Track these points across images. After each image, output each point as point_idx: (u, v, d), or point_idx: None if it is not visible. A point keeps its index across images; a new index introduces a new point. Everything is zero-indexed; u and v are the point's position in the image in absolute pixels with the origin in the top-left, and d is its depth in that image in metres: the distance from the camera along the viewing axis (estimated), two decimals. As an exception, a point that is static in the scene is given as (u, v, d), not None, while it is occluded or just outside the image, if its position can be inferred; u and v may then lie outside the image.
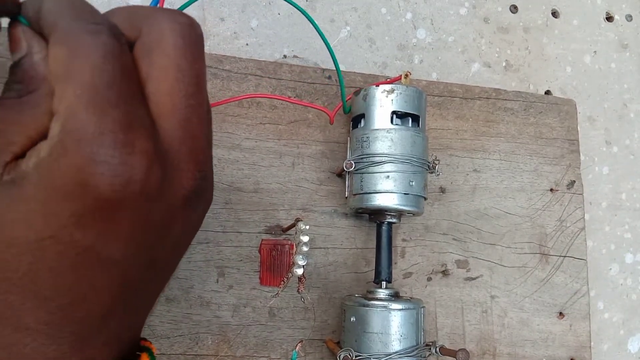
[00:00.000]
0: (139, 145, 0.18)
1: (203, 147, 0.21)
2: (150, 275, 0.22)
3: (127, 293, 0.21)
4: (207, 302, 0.40)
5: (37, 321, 0.20)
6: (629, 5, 0.61)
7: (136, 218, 0.19)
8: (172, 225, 0.21)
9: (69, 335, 0.20)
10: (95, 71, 0.18)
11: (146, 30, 0.20)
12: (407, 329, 0.37)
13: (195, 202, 0.21)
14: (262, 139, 0.43)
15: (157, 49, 0.20)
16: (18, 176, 0.18)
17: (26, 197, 0.18)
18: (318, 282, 0.42)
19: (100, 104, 0.18)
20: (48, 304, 0.19)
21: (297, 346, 0.33)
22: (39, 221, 0.18)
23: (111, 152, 0.17)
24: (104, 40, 0.18)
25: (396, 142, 0.39)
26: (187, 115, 0.20)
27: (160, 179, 0.19)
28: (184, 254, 0.25)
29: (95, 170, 0.17)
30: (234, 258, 0.41)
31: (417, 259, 0.45)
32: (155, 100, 0.20)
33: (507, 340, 0.46)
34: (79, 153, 0.17)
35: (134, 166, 0.18)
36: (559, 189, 0.49)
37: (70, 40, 0.18)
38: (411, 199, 0.39)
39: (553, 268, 0.48)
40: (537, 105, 0.51)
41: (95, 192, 0.18)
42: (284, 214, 0.43)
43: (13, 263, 0.19)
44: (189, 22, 0.20)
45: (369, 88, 0.40)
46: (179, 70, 0.20)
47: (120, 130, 0.18)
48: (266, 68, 0.44)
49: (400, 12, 0.52)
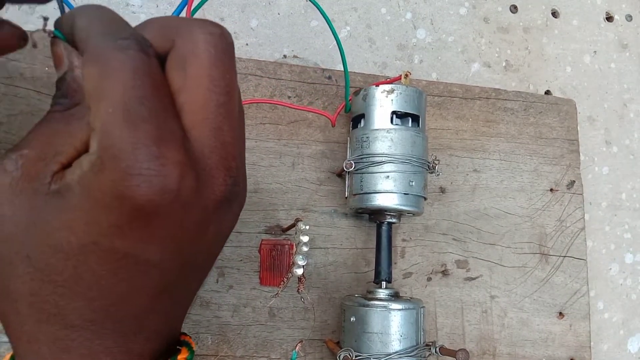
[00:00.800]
0: (171, 156, 0.19)
1: (234, 154, 0.22)
2: (186, 276, 0.23)
3: (166, 293, 0.23)
4: (207, 302, 0.40)
5: (82, 319, 0.21)
6: (628, 5, 0.61)
7: (172, 224, 0.20)
8: (206, 228, 0.22)
9: (112, 332, 0.22)
10: (126, 88, 0.19)
11: (179, 41, 0.21)
12: (407, 329, 0.37)
13: (228, 206, 0.22)
14: (262, 139, 0.43)
15: (190, 60, 0.20)
16: (63, 187, 0.20)
17: (70, 207, 0.20)
18: (318, 282, 0.42)
19: (132, 120, 0.19)
20: (92, 304, 0.21)
21: (297, 346, 0.33)
22: (82, 229, 0.20)
23: (145, 165, 0.19)
24: (132, 55, 0.19)
25: (396, 142, 0.39)
26: (219, 124, 0.21)
27: (194, 187, 0.20)
28: (218, 255, 0.27)
29: (131, 182, 0.18)
30: (234, 258, 0.41)
31: (417, 259, 0.45)
32: (188, 110, 0.20)
33: (507, 340, 0.46)
34: (116, 168, 0.18)
35: (168, 176, 0.19)
36: (559, 189, 0.50)
37: (100, 59, 0.19)
38: (411, 199, 0.39)
39: (553, 268, 0.48)
40: (537, 105, 0.51)
41: (132, 203, 0.19)
42: (284, 214, 0.43)
43: (58, 267, 0.20)
44: (220, 32, 0.21)
45: (368, 88, 0.40)
46: (211, 80, 0.20)
47: (153, 144, 0.19)
48: (266, 68, 0.44)
49: (400, 12, 0.52)
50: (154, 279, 0.22)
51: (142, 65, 0.19)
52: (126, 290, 0.21)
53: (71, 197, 0.20)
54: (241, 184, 0.23)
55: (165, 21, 0.22)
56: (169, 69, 0.21)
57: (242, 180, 0.23)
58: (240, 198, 0.23)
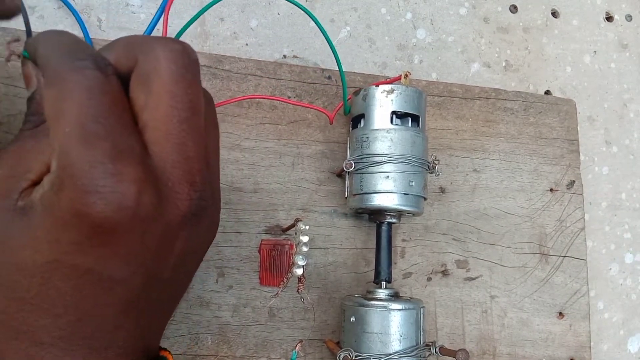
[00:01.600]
0: (128, 172, 0.19)
1: (199, 169, 0.22)
2: (154, 292, 0.23)
3: (133, 309, 0.23)
4: (206, 302, 0.40)
5: (51, 336, 0.21)
6: (628, 5, 0.61)
7: (132, 241, 0.20)
8: (172, 244, 0.22)
9: (81, 348, 0.22)
10: (81, 107, 0.19)
11: (141, 59, 0.21)
12: (406, 329, 0.37)
13: (195, 221, 0.22)
14: (262, 139, 0.43)
15: (151, 77, 0.21)
16: (28, 205, 0.20)
17: (33, 225, 0.20)
18: (318, 282, 0.42)
19: (88, 138, 0.19)
20: (59, 321, 0.21)
21: (297, 346, 0.33)
22: (45, 247, 0.20)
23: (102, 182, 0.19)
24: (88, 75, 0.20)
25: (396, 142, 0.39)
26: (182, 140, 0.21)
27: (154, 203, 0.20)
28: (194, 271, 0.27)
29: (88, 200, 0.19)
30: (234, 258, 0.41)
31: (416, 259, 0.45)
32: (151, 127, 0.21)
33: (507, 341, 0.46)
34: (73, 186, 0.19)
35: (124, 193, 0.19)
36: (559, 189, 0.50)
37: (56, 80, 0.20)
38: (411, 199, 0.39)
39: (553, 268, 0.48)
40: (537, 105, 0.51)
41: (90, 220, 0.19)
42: (283, 214, 0.43)
43: (25, 284, 0.21)
44: (182, 49, 0.21)
45: (368, 88, 0.40)
46: (172, 97, 0.21)
47: (109, 161, 0.19)
48: (266, 68, 0.44)
49: (400, 12, 0.52)
50: (119, 295, 0.22)
51: (97, 83, 0.20)
52: (91, 306, 0.21)
53: (34, 215, 0.20)
54: (209, 199, 0.23)
55: (129, 40, 0.22)
56: (133, 87, 0.21)
57: (212, 195, 0.24)
58: (209, 212, 0.23)
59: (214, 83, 0.43)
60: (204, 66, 0.43)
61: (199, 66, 0.22)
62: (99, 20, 0.44)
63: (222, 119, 0.42)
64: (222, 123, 0.42)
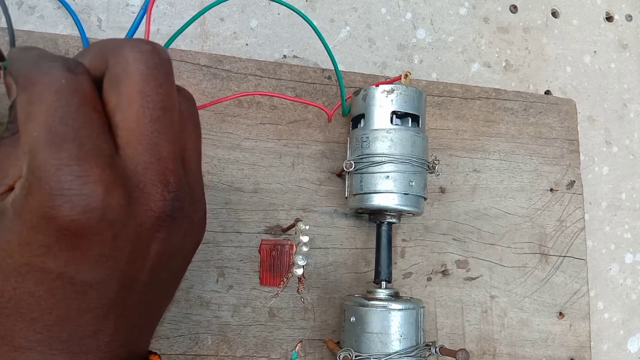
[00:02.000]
0: (94, 174, 0.19)
1: (173, 169, 0.22)
2: (135, 295, 0.23)
3: (113, 314, 0.23)
4: (207, 302, 0.40)
5: (28, 340, 0.22)
6: (628, 5, 0.61)
7: (103, 243, 0.20)
8: (148, 247, 0.22)
9: (60, 352, 0.22)
10: (49, 109, 0.19)
11: (112, 61, 0.21)
12: (406, 329, 0.37)
13: (170, 222, 0.22)
14: (262, 139, 0.43)
15: (122, 79, 0.21)
16: (1, 209, 0.20)
17: (5, 229, 0.20)
18: (318, 282, 0.42)
19: (55, 141, 0.19)
20: (35, 325, 0.21)
21: (297, 346, 0.33)
22: (16, 251, 0.20)
23: (67, 185, 0.19)
24: (56, 75, 0.20)
25: (396, 142, 0.39)
26: (154, 140, 0.21)
27: (122, 205, 0.20)
28: (180, 274, 0.26)
29: (55, 203, 0.19)
30: (234, 258, 0.41)
31: (417, 259, 0.45)
32: (122, 128, 0.21)
33: (507, 340, 0.46)
34: (41, 189, 0.19)
35: (91, 195, 0.19)
36: (559, 189, 0.50)
37: (27, 85, 0.20)
38: (411, 199, 0.39)
39: (553, 268, 0.48)
40: (537, 105, 0.51)
41: (57, 223, 0.19)
42: (284, 214, 0.43)
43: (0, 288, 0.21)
44: (151, 49, 0.21)
45: (368, 88, 0.40)
46: (143, 97, 0.21)
47: (75, 163, 0.19)
48: (266, 68, 0.44)
49: (400, 12, 0.52)
50: (94, 299, 0.22)
51: (66, 84, 0.20)
52: (67, 310, 0.21)
53: (6, 219, 0.20)
54: (186, 199, 0.23)
55: (101, 43, 0.22)
56: (105, 89, 0.21)
57: (190, 195, 0.23)
58: (187, 213, 0.23)
59: (214, 83, 0.43)
60: (204, 66, 0.43)
61: (171, 65, 0.22)
62: (99, 20, 0.44)
63: (222, 119, 0.42)
64: (222, 123, 0.42)
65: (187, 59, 0.42)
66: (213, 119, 0.42)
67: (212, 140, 0.42)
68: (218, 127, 0.42)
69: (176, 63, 0.42)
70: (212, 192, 0.41)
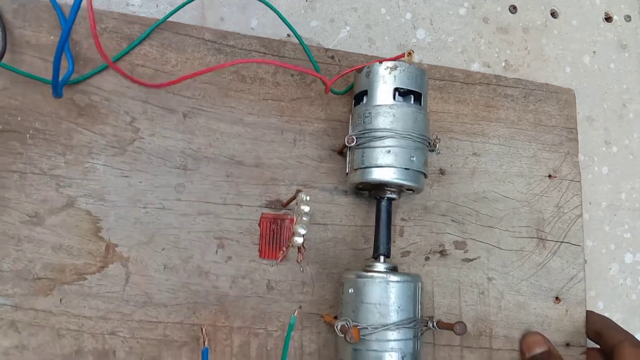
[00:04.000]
0: None
1: None
2: None
3: None
4: (205, 272, 0.40)
5: None
6: (627, 6, 0.62)
7: None
8: None
9: None
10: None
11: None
12: (404, 301, 0.37)
13: None
14: (265, 115, 0.43)
15: None
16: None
17: None
18: (317, 257, 0.43)
19: None
20: None
21: (296, 311, 0.33)
22: None
23: None
24: None
25: (398, 117, 0.39)
26: None
27: None
28: None
29: None
30: (234, 230, 0.41)
31: (415, 239, 0.45)
32: None
33: (503, 323, 0.46)
34: None
35: None
36: (557, 176, 0.50)
37: None
38: (411, 174, 0.39)
39: (550, 253, 0.48)
40: (537, 93, 0.51)
41: None
42: (284, 189, 0.43)
43: None
44: None
45: (372, 65, 0.41)
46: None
47: None
48: (270, 45, 0.45)
49: (399, 12, 0.53)
50: None
51: None
52: None
53: None
54: None
55: None
56: None
57: None
58: None
59: (218, 58, 0.43)
60: (209, 41, 0.43)
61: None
62: None
63: (226, 94, 0.43)
64: (226, 98, 0.43)
65: (192, 33, 0.43)
66: (216, 93, 0.43)
67: (215, 114, 0.42)
68: (221, 101, 0.43)
69: (180, 37, 0.43)
70: (213, 165, 0.42)
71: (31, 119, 0.39)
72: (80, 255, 0.38)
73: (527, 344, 0.45)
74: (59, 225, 0.38)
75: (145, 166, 0.40)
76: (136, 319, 0.38)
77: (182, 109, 0.42)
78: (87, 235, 0.38)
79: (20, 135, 0.38)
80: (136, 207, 0.40)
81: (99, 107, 0.40)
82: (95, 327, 0.38)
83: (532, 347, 0.45)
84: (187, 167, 0.41)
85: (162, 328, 0.39)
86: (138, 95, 0.41)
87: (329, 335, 0.42)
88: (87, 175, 0.39)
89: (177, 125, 0.41)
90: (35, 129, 0.39)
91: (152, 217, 0.40)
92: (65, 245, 0.38)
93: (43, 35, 0.40)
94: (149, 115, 0.41)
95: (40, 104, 0.39)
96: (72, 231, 0.38)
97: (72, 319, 0.37)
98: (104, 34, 0.41)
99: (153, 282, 0.39)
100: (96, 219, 0.39)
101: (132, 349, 0.38)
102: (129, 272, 0.39)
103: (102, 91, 0.40)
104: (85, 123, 0.40)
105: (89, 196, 0.39)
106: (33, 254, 0.37)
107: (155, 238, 0.39)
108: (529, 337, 0.45)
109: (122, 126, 0.40)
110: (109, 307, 0.38)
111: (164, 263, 0.39)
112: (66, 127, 0.39)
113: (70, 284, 0.38)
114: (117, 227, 0.39)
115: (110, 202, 0.39)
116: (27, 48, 0.39)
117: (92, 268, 0.38)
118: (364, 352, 0.36)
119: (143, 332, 0.38)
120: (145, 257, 0.39)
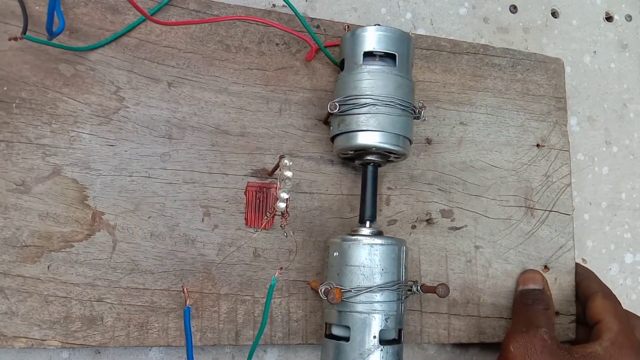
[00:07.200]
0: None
1: None
2: None
3: None
4: (192, 240, 0.40)
5: None
6: (628, 5, 0.61)
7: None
8: None
9: None
10: None
11: None
12: (388, 263, 0.37)
13: None
14: (250, 84, 0.43)
15: None
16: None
17: None
18: (303, 225, 0.43)
19: None
20: None
21: (277, 272, 0.34)
22: None
23: None
24: None
25: (379, 82, 0.39)
26: None
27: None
28: None
29: None
30: (220, 199, 0.41)
31: (401, 207, 0.45)
32: None
33: (491, 291, 0.46)
34: None
35: None
36: (546, 145, 0.50)
37: None
38: (394, 137, 0.39)
39: (538, 222, 0.48)
40: (525, 62, 0.51)
41: None
42: (270, 158, 0.43)
43: None
44: None
45: (353, 30, 0.41)
46: None
47: None
48: (255, 15, 0.44)
49: (400, 12, 0.53)
50: None
51: None
52: None
53: None
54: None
55: None
56: None
57: None
58: None
59: (202, 27, 0.43)
60: (193, 10, 0.43)
61: None
62: None
63: (210, 63, 0.43)
64: (210, 67, 0.43)
65: (176, 2, 0.43)
66: (201, 62, 0.43)
67: (199, 83, 0.42)
68: (206, 70, 0.43)
69: (165, 6, 0.43)
70: (198, 134, 0.42)
71: (17, 88, 0.39)
72: (67, 223, 0.38)
73: (524, 279, 0.46)
74: (45, 193, 0.38)
75: (130, 135, 0.40)
76: (123, 285, 0.39)
77: (166, 78, 0.42)
78: (73, 203, 0.39)
79: (6, 105, 0.39)
80: (122, 175, 0.40)
81: (84, 77, 0.40)
82: (82, 293, 0.38)
83: (527, 282, 0.46)
84: (172, 136, 0.41)
85: (149, 295, 0.39)
86: (123, 65, 0.41)
87: (315, 302, 0.42)
88: (73, 144, 0.39)
89: (161, 95, 0.41)
90: (22, 99, 0.39)
91: (138, 186, 0.40)
92: (52, 213, 0.38)
93: (29, 5, 0.40)
94: (134, 85, 0.41)
95: (26, 74, 0.39)
96: (58, 199, 0.38)
97: (60, 285, 0.38)
98: (89, 4, 0.41)
99: (140, 250, 0.39)
100: (82, 187, 0.39)
101: (119, 315, 0.38)
102: (115, 240, 0.39)
103: (87, 61, 0.41)
104: (71, 92, 0.40)
105: (74, 165, 0.39)
106: (20, 222, 0.38)
107: (142, 206, 0.40)
108: (527, 273, 0.46)
109: (107, 95, 0.40)
110: (97, 274, 0.38)
111: (150, 231, 0.40)
112: (52, 96, 0.39)
113: (58, 252, 0.38)
114: (103, 195, 0.39)
115: (96, 170, 0.39)
116: (12, 18, 0.40)
117: (79, 236, 0.38)
118: (348, 314, 0.36)
119: (130, 299, 0.39)
120: (132, 225, 0.39)
